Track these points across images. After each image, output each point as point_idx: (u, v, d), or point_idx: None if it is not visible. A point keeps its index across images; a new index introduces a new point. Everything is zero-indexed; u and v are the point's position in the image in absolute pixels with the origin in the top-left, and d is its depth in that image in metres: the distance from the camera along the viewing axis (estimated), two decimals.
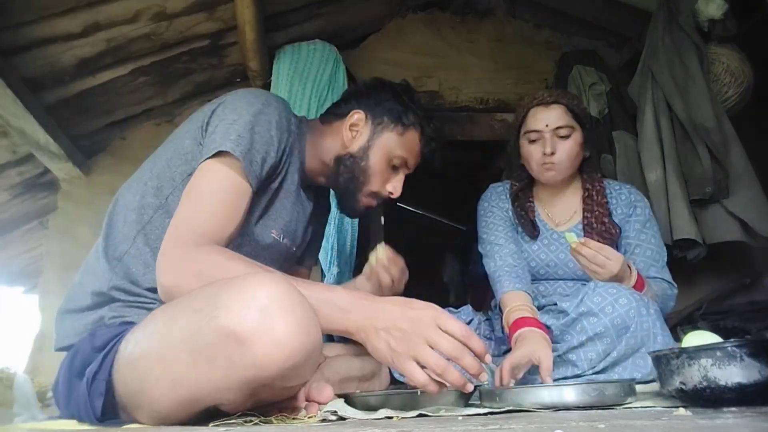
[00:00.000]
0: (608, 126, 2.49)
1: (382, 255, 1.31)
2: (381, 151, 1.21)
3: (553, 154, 1.50)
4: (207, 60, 2.25)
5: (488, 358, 0.86)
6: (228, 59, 2.29)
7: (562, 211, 1.63)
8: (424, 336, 0.83)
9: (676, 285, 1.54)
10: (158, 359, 0.82)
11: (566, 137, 1.52)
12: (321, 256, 2.24)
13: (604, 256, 1.31)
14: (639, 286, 1.40)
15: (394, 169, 1.24)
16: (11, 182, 2.36)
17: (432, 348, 0.83)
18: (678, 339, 2.24)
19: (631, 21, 2.59)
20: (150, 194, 1.07)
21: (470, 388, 0.85)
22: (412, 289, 1.94)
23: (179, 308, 0.83)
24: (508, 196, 1.67)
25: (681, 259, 2.19)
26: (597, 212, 1.54)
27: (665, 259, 1.56)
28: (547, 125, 1.52)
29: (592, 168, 1.64)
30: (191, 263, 0.89)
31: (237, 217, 1.00)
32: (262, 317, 0.72)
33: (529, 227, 1.59)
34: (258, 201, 1.09)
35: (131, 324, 0.95)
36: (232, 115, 1.04)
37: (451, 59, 2.87)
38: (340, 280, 2.28)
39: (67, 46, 1.86)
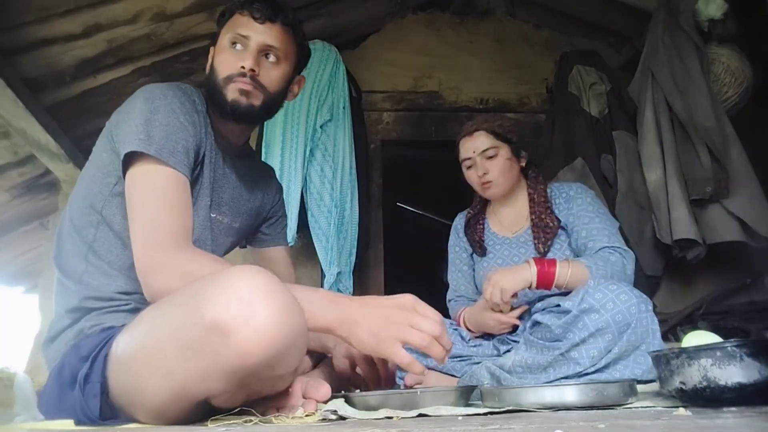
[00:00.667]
0: (608, 126, 2.49)
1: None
2: (217, 54, 1.19)
3: (486, 174, 1.69)
4: (207, 60, 2.25)
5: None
6: None
7: (513, 218, 1.79)
8: (407, 318, 0.90)
9: (628, 251, 1.57)
10: (149, 356, 0.84)
11: (493, 157, 1.70)
12: (321, 255, 2.24)
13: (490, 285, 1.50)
14: (546, 265, 1.48)
15: (238, 50, 1.15)
16: (12, 183, 2.37)
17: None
18: (678, 339, 2.25)
19: (631, 21, 2.59)
20: (85, 214, 1.09)
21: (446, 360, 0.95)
22: (412, 289, 1.94)
23: (165, 306, 0.85)
24: (461, 226, 1.91)
25: (681, 259, 2.19)
26: (539, 212, 1.70)
27: (614, 230, 1.63)
28: (474, 151, 1.72)
29: (535, 174, 1.79)
30: (176, 264, 0.92)
31: (187, 208, 1.01)
32: (243, 307, 0.74)
33: (477, 247, 1.81)
34: (193, 186, 1.10)
35: (112, 329, 0.97)
36: (133, 115, 1.03)
37: (451, 59, 2.87)
38: (339, 280, 2.28)
39: (68, 46, 1.87)
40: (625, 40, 2.75)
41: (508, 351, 1.55)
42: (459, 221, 1.93)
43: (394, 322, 0.90)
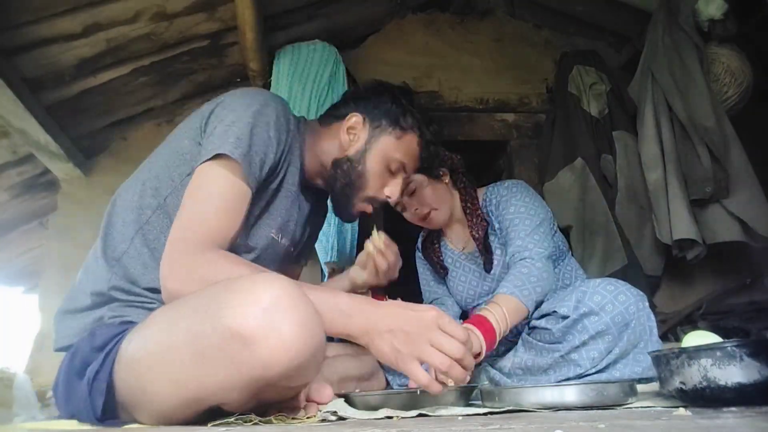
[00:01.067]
0: (608, 126, 2.49)
1: (378, 241, 1.30)
2: (378, 155, 1.19)
3: (416, 209, 1.66)
4: (207, 60, 2.25)
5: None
6: (228, 59, 2.29)
7: (461, 235, 1.77)
8: (427, 337, 0.84)
9: (544, 248, 1.51)
10: (161, 360, 0.82)
11: (413, 192, 1.64)
12: (321, 256, 2.24)
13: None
14: (488, 336, 1.34)
15: (392, 173, 1.22)
16: (11, 182, 2.36)
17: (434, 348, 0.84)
18: (678, 339, 2.25)
19: (631, 21, 2.59)
20: (148, 195, 1.07)
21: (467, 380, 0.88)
22: (411, 289, 1.94)
23: (182, 309, 0.83)
24: (420, 247, 1.90)
25: (681, 259, 2.19)
26: (474, 220, 1.67)
27: (534, 225, 1.56)
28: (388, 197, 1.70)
29: (464, 185, 1.73)
30: (196, 268, 0.89)
31: (238, 219, 1.00)
32: (268, 317, 0.73)
33: (438, 268, 1.79)
34: (257, 201, 1.08)
35: (131, 323, 0.95)
36: (231, 117, 1.02)
37: (451, 59, 2.87)
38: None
39: (68, 46, 1.86)
40: (625, 40, 2.75)
41: (508, 351, 1.54)
42: (419, 243, 1.92)
43: (414, 340, 0.85)
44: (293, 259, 1.36)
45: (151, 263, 1.02)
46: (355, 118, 1.21)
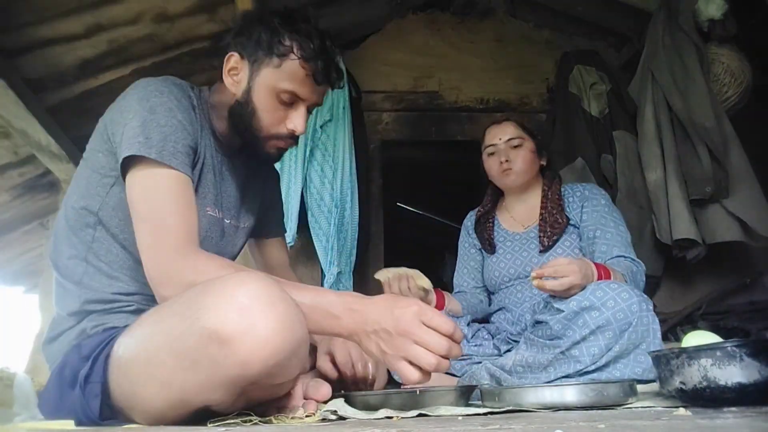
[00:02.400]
0: (608, 126, 2.49)
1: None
2: (262, 90, 1.09)
3: (507, 161, 1.73)
4: (208, 61, 2.25)
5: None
6: None
7: (525, 214, 1.81)
8: (411, 335, 0.83)
9: (641, 263, 1.59)
10: (146, 363, 0.83)
11: (519, 146, 1.75)
12: (321, 255, 2.25)
13: (562, 274, 1.39)
14: (604, 275, 1.45)
15: (286, 105, 1.10)
16: (12, 183, 2.37)
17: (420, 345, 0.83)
18: (678, 339, 2.25)
19: (631, 21, 2.59)
20: (81, 215, 1.06)
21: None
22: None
23: (163, 312, 0.84)
24: (472, 224, 1.93)
25: (681, 259, 2.19)
26: (550, 207, 1.72)
27: (628, 240, 1.65)
28: (500, 138, 1.77)
29: (551, 173, 1.83)
30: (186, 274, 0.89)
31: (194, 209, 0.99)
32: (243, 316, 0.73)
33: (487, 245, 1.82)
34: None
35: (114, 329, 0.96)
36: (130, 116, 1.00)
37: (451, 59, 2.87)
38: (339, 280, 2.28)
39: (69, 47, 1.87)
40: (625, 40, 2.75)
41: (509, 350, 1.55)
42: (469, 220, 1.95)
43: (398, 340, 0.84)
44: (254, 232, 1.32)
45: (114, 273, 1.03)
46: (233, 58, 1.11)
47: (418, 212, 4.90)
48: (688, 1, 2.09)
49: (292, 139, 1.14)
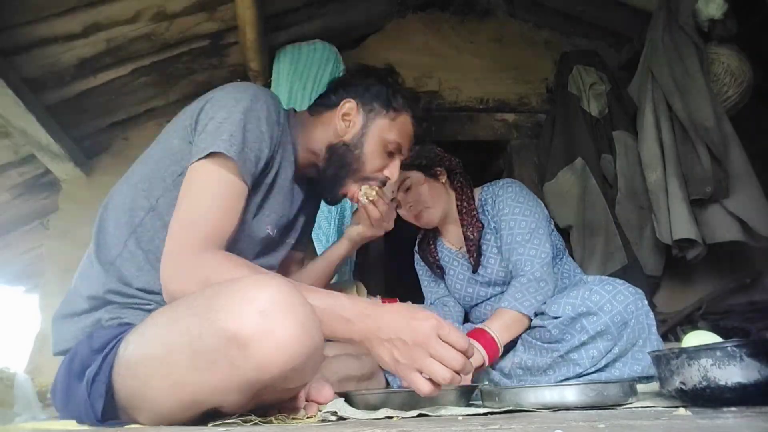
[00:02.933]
0: (608, 126, 2.49)
1: (370, 192, 1.29)
2: (376, 138, 1.21)
3: (411, 206, 1.66)
4: (207, 60, 2.25)
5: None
6: (228, 59, 2.29)
7: (457, 234, 1.74)
8: (427, 347, 0.82)
9: (544, 254, 1.53)
10: (159, 363, 0.82)
11: (408, 189, 1.66)
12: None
13: None
14: (492, 353, 1.41)
15: (389, 154, 1.24)
16: (12, 182, 2.37)
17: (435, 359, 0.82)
18: (678, 339, 2.25)
19: (631, 21, 2.59)
20: (140, 196, 1.06)
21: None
22: (413, 289, 1.94)
23: (179, 311, 0.83)
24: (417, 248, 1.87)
25: (681, 259, 2.19)
26: (467, 223, 1.65)
27: (533, 226, 1.56)
28: (393, 191, 1.68)
29: (461, 184, 1.72)
30: (197, 269, 0.89)
31: (235, 217, 0.99)
32: (263, 320, 0.72)
33: (434, 269, 1.77)
34: (253, 197, 1.08)
35: (129, 325, 0.95)
36: (222, 113, 1.02)
37: (451, 59, 2.87)
38: (340, 279, 2.28)
39: (68, 46, 1.87)
40: (625, 40, 2.75)
41: (507, 351, 1.54)
42: (416, 244, 1.91)
43: (413, 351, 0.83)
44: (291, 247, 1.35)
45: (146, 265, 1.02)
46: (348, 104, 1.22)
47: None
48: (688, 0, 2.09)
49: (382, 185, 1.27)
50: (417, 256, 1.90)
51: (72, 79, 2.00)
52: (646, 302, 1.36)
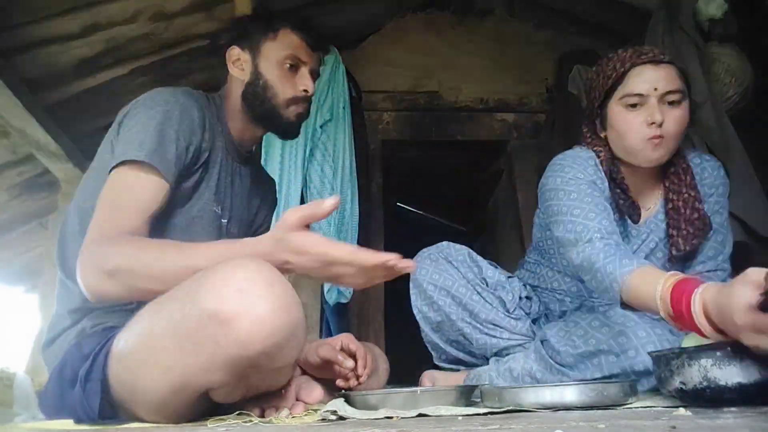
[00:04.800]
0: None
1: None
2: (268, 61, 1.23)
3: (661, 125, 1.18)
4: (206, 60, 2.25)
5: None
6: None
7: (639, 198, 1.30)
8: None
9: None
10: (148, 351, 0.84)
11: (677, 105, 1.19)
12: None
13: None
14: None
15: (292, 69, 1.24)
16: (11, 182, 2.37)
17: None
18: None
19: (631, 21, 2.59)
20: (88, 215, 1.07)
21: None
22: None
23: (163, 300, 0.85)
24: (599, 166, 1.31)
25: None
26: (686, 195, 1.23)
27: (729, 251, 1.29)
28: (656, 89, 1.19)
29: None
30: (103, 261, 0.90)
31: (148, 206, 1.00)
32: (242, 297, 0.75)
33: (631, 209, 1.26)
34: (184, 182, 1.10)
35: (114, 328, 0.97)
36: (133, 122, 1.06)
37: (451, 59, 2.87)
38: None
39: (67, 46, 1.87)
40: (625, 40, 2.74)
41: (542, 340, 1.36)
42: (588, 157, 1.34)
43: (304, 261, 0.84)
44: (255, 227, 1.38)
45: None
46: (232, 51, 1.25)
47: (418, 212, 4.90)
48: (688, 0, 2.09)
49: (306, 101, 1.26)
50: (596, 179, 1.28)
51: (71, 79, 2.00)
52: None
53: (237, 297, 0.75)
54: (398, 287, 1.54)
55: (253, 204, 1.35)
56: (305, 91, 1.24)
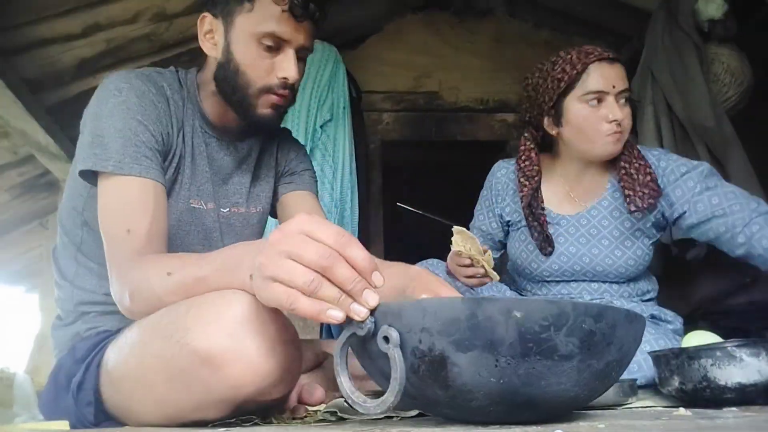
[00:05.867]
0: None
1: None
2: (241, 40, 0.99)
3: (623, 121, 1.26)
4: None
5: (377, 277, 0.60)
6: None
7: (586, 189, 1.39)
8: (285, 249, 0.60)
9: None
10: (138, 383, 0.82)
11: (627, 103, 1.28)
12: None
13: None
14: None
15: (270, 50, 0.99)
16: (11, 183, 2.37)
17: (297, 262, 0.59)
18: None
19: (631, 21, 2.59)
20: (71, 216, 1.06)
21: (339, 316, 0.58)
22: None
23: (150, 334, 0.80)
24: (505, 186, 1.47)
25: (681, 259, 2.19)
26: (637, 164, 1.29)
27: (741, 190, 1.29)
28: (614, 86, 1.26)
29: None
30: (126, 285, 0.85)
31: (159, 215, 0.92)
32: (234, 340, 0.70)
33: (544, 244, 1.36)
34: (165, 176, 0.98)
35: (107, 332, 0.97)
36: (87, 121, 0.95)
37: (451, 59, 2.87)
38: None
39: (67, 46, 1.87)
40: (625, 40, 2.75)
41: None
42: (502, 176, 1.49)
43: (270, 258, 0.61)
44: (263, 217, 1.19)
45: (103, 271, 0.97)
46: (206, 20, 1.04)
47: (418, 212, 4.90)
48: (688, 0, 2.09)
49: (286, 89, 1.01)
50: (495, 200, 1.51)
51: (72, 79, 2.00)
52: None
53: (228, 341, 0.70)
54: None
55: (267, 173, 1.17)
56: (284, 78, 0.99)
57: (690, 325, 2.32)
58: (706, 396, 0.80)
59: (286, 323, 0.77)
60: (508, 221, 1.49)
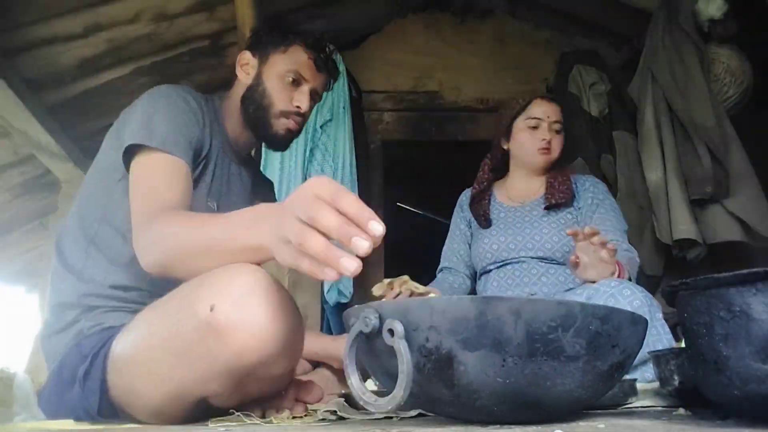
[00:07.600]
0: (608, 126, 2.49)
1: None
2: (272, 71, 1.26)
3: (551, 141, 1.76)
4: (207, 60, 2.25)
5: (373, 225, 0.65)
6: (228, 59, 2.29)
7: (528, 190, 1.82)
8: (305, 212, 0.62)
9: (634, 249, 1.66)
10: (145, 361, 0.85)
11: (559, 132, 1.80)
12: None
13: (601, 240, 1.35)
14: (621, 271, 1.46)
15: (292, 85, 1.26)
16: (12, 182, 2.37)
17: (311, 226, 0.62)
18: (678, 339, 2.24)
19: (631, 21, 2.59)
20: (90, 208, 1.11)
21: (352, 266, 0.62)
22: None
23: (160, 309, 0.86)
24: (468, 199, 1.93)
25: (681, 260, 2.19)
26: (560, 177, 1.76)
27: (625, 228, 1.73)
28: (548, 116, 1.78)
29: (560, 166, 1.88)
30: (157, 236, 0.90)
31: (188, 191, 1.03)
32: (238, 309, 0.74)
33: (483, 220, 1.82)
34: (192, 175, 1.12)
35: (112, 328, 0.97)
36: (137, 114, 1.08)
37: (452, 60, 2.87)
38: (340, 280, 2.28)
39: (68, 46, 1.87)
40: (625, 40, 2.75)
41: None
42: (464, 197, 1.97)
43: (291, 221, 0.63)
44: None
45: (111, 267, 1.06)
46: (244, 55, 1.30)
47: (418, 212, 4.90)
48: (688, 0, 2.09)
49: (299, 116, 1.28)
50: (461, 209, 1.95)
51: (72, 79, 2.01)
52: (660, 315, 1.32)
53: (232, 309, 0.74)
54: None
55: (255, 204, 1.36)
56: (298, 107, 1.26)
57: None
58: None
59: (289, 297, 0.80)
60: (471, 226, 1.91)
